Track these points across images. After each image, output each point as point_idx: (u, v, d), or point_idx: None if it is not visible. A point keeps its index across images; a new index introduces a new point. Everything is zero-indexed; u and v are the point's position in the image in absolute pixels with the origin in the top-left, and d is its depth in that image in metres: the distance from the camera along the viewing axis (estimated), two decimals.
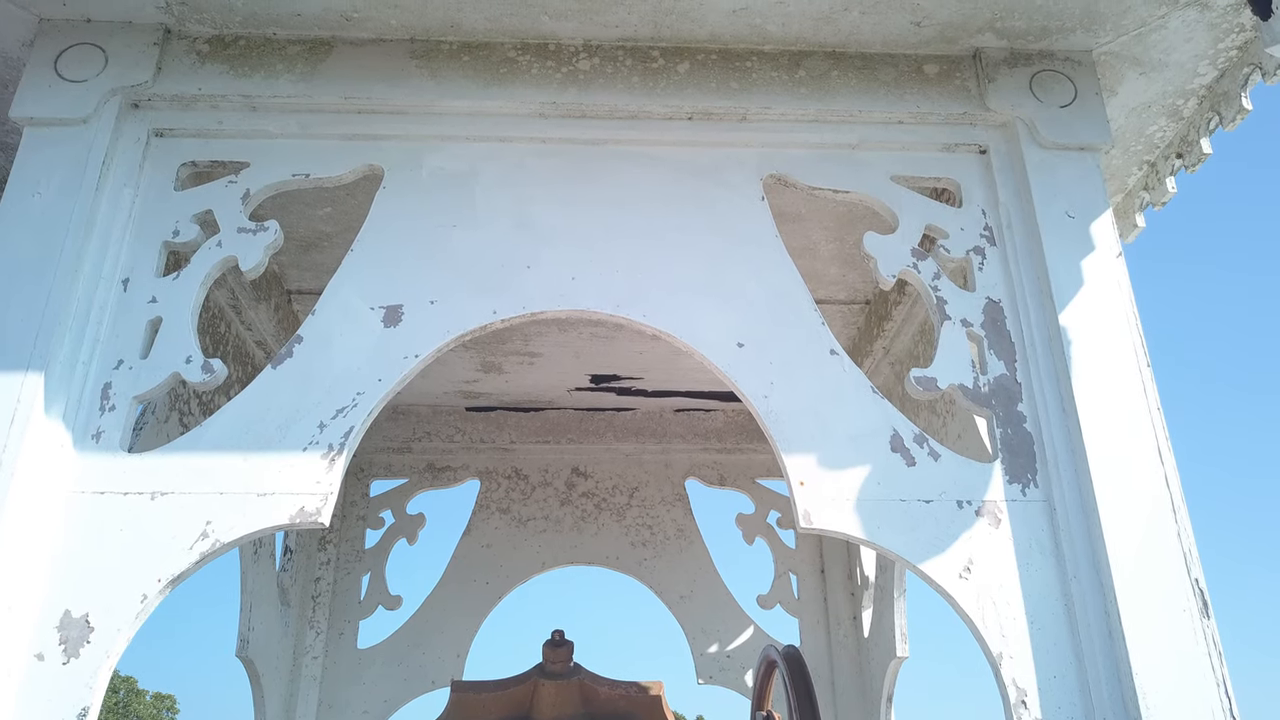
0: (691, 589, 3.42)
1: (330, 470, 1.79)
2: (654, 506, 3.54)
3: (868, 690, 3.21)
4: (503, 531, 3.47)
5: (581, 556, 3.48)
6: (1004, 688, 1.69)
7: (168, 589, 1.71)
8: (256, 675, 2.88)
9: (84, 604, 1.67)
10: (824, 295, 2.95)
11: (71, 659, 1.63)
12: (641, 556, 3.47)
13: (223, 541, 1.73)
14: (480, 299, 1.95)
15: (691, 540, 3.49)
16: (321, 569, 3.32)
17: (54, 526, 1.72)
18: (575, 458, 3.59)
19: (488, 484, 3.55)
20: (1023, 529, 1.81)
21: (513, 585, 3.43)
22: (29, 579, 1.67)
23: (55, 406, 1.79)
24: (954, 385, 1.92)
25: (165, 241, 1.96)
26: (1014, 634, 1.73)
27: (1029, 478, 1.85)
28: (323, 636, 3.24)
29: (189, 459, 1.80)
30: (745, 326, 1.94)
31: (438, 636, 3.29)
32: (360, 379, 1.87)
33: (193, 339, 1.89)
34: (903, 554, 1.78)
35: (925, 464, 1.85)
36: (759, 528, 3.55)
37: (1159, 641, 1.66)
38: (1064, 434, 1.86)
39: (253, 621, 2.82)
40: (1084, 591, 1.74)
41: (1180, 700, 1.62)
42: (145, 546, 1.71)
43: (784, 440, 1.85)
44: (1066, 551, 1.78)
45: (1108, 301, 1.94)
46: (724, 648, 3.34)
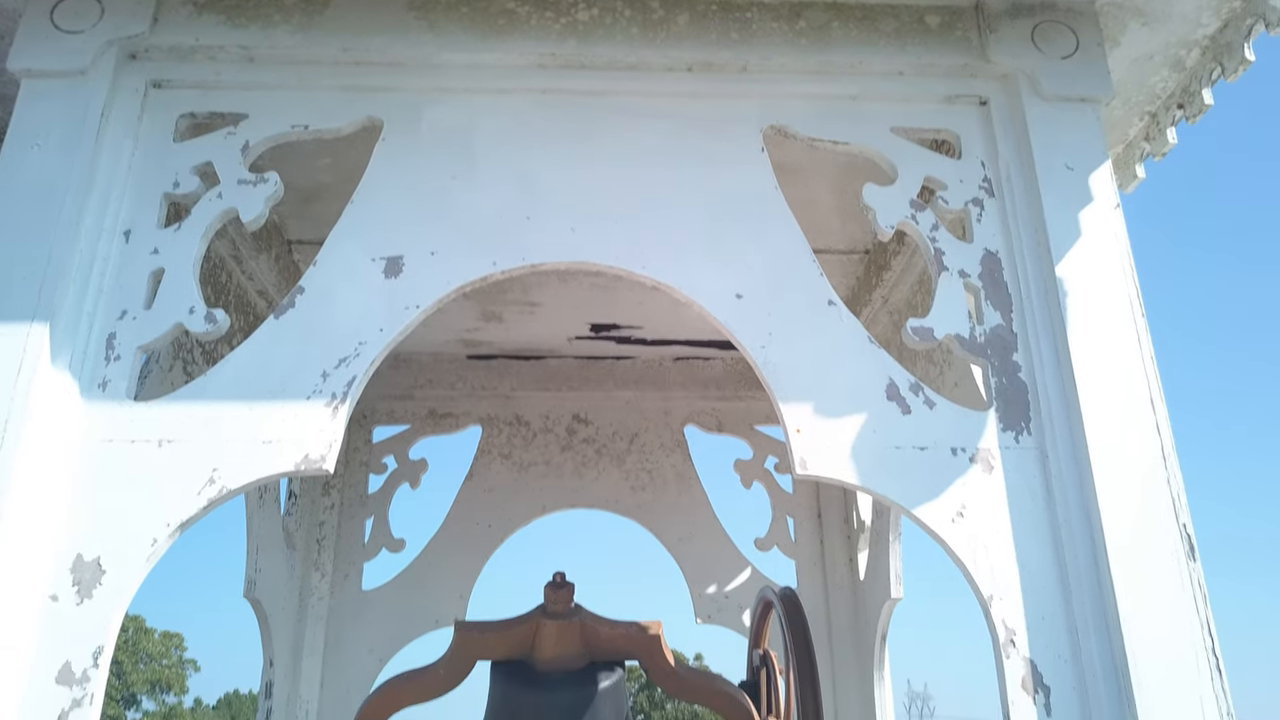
0: (690, 532, 3.47)
1: (334, 418, 1.82)
2: (653, 452, 3.58)
3: (862, 630, 3.29)
4: (504, 476, 3.52)
5: (582, 500, 3.53)
6: (994, 628, 1.74)
7: (176, 533, 1.75)
8: (264, 615, 2.94)
9: (95, 548, 1.72)
10: (823, 245, 2.96)
11: (85, 600, 1.68)
12: (641, 501, 3.52)
13: (229, 488, 1.77)
14: (480, 250, 1.96)
15: (690, 485, 3.55)
16: (326, 513, 3.38)
17: (64, 473, 1.76)
18: (576, 405, 3.62)
19: (489, 430, 3.59)
20: (1015, 475, 1.84)
21: (514, 528, 3.48)
22: (42, 524, 1.71)
23: (61, 357, 1.81)
24: (950, 335, 1.95)
25: (166, 193, 1.97)
26: (1004, 576, 1.77)
27: (1022, 426, 1.89)
28: (328, 578, 3.30)
29: (194, 407, 1.83)
30: (744, 278, 1.96)
31: (441, 578, 3.36)
32: (362, 329, 1.89)
33: (195, 289, 1.91)
34: (897, 499, 1.83)
35: (920, 412, 1.88)
36: (757, 473, 3.60)
37: (1145, 584, 1.71)
38: (1058, 383, 1.89)
39: (259, 564, 2.87)
40: (1074, 536, 1.78)
41: (1164, 640, 1.67)
42: (154, 492, 1.75)
43: (781, 389, 1.88)
44: (1058, 497, 1.82)
45: (1104, 253, 1.96)
46: (722, 588, 3.41)
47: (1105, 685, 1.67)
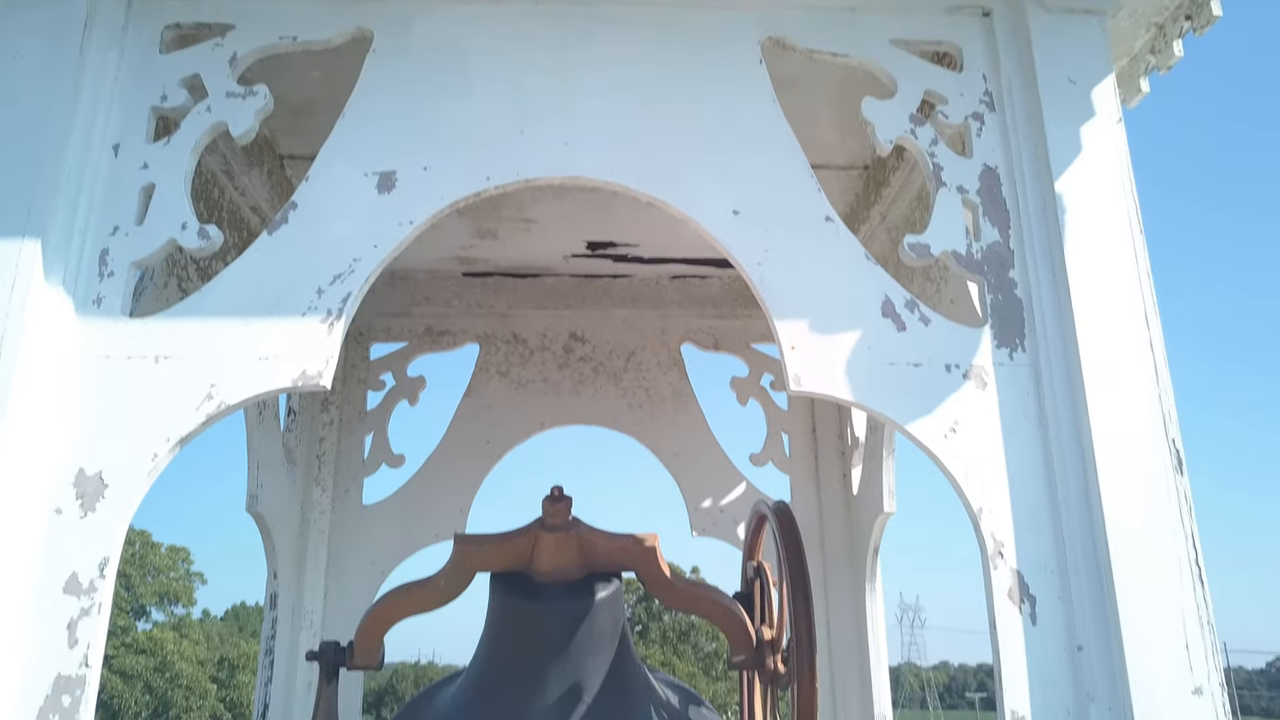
0: (686, 447, 3.51)
1: (330, 335, 1.82)
2: (650, 370, 3.60)
3: (855, 543, 3.35)
4: (502, 394, 3.54)
5: (580, 417, 3.56)
6: (983, 540, 1.78)
7: (176, 448, 1.77)
8: (267, 529, 2.99)
9: (97, 462, 1.74)
10: (821, 161, 2.92)
11: (88, 513, 1.71)
12: (638, 417, 3.55)
13: (227, 403, 1.78)
14: (474, 165, 1.94)
15: (687, 402, 3.57)
16: (325, 429, 3.41)
17: (62, 389, 1.77)
18: (573, 323, 3.63)
19: (487, 348, 3.60)
20: (1008, 391, 1.86)
21: (513, 444, 3.52)
22: (42, 439, 1.73)
23: (54, 273, 1.81)
24: (947, 252, 1.94)
25: (153, 107, 1.94)
26: (994, 490, 1.80)
27: (1017, 342, 1.90)
28: (329, 493, 3.35)
29: (190, 324, 1.84)
30: (740, 193, 1.95)
31: (440, 493, 3.40)
32: (356, 245, 1.89)
33: (187, 205, 1.90)
34: (890, 415, 1.85)
35: (915, 329, 1.89)
36: (752, 390, 3.62)
37: (1132, 497, 1.74)
38: (1053, 299, 1.90)
39: (260, 479, 2.91)
40: (1064, 450, 1.81)
41: (1149, 552, 1.70)
42: (152, 408, 1.77)
43: (776, 306, 1.88)
44: (1049, 412, 1.84)
45: (1105, 169, 1.94)
46: (717, 503, 3.47)
47: (1089, 595, 1.71)
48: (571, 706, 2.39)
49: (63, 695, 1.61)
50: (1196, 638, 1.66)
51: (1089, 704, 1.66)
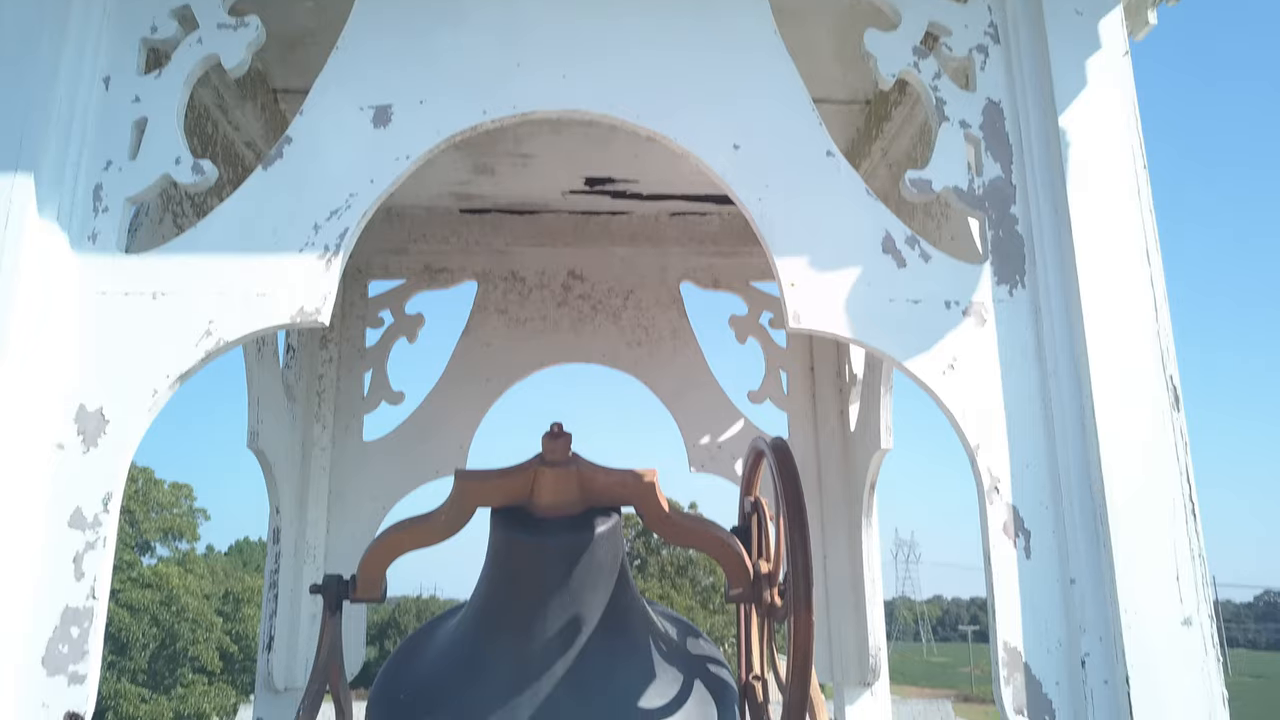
0: (685, 385, 3.52)
1: (327, 271, 1.82)
2: (649, 308, 3.59)
3: (851, 479, 3.38)
4: (501, 331, 3.54)
5: (579, 355, 3.56)
6: (979, 476, 1.80)
7: (176, 384, 1.78)
8: (268, 466, 3.01)
9: (97, 398, 1.75)
10: (823, 95, 2.88)
11: (91, 448, 1.72)
12: (637, 356, 3.55)
13: (226, 340, 1.78)
14: (470, 98, 1.92)
15: (686, 340, 3.57)
16: (324, 366, 3.41)
17: (60, 326, 1.77)
18: (571, 261, 3.61)
19: (485, 286, 3.58)
20: (1007, 328, 1.86)
21: (512, 381, 3.53)
22: (42, 375, 1.74)
23: (48, 209, 1.80)
24: (948, 188, 1.93)
25: (144, 38, 1.90)
26: (991, 427, 1.82)
27: (1017, 279, 1.89)
28: (329, 430, 3.36)
29: (187, 260, 1.83)
30: (741, 127, 1.92)
31: (440, 429, 3.42)
32: (352, 180, 1.87)
33: (180, 139, 1.88)
34: (889, 352, 1.85)
35: (916, 265, 1.88)
36: (751, 328, 3.62)
37: (1129, 433, 1.75)
38: (1055, 236, 1.89)
39: (261, 416, 2.92)
40: (1061, 387, 1.81)
41: (1143, 486, 1.72)
42: (151, 344, 1.77)
43: (776, 243, 1.87)
44: (1048, 349, 1.84)
45: (1110, 103, 1.91)
46: (715, 439, 3.49)
47: (1083, 529, 1.74)
48: (571, 639, 2.43)
49: (71, 627, 1.64)
50: (1187, 570, 1.68)
51: (1080, 635, 1.69)
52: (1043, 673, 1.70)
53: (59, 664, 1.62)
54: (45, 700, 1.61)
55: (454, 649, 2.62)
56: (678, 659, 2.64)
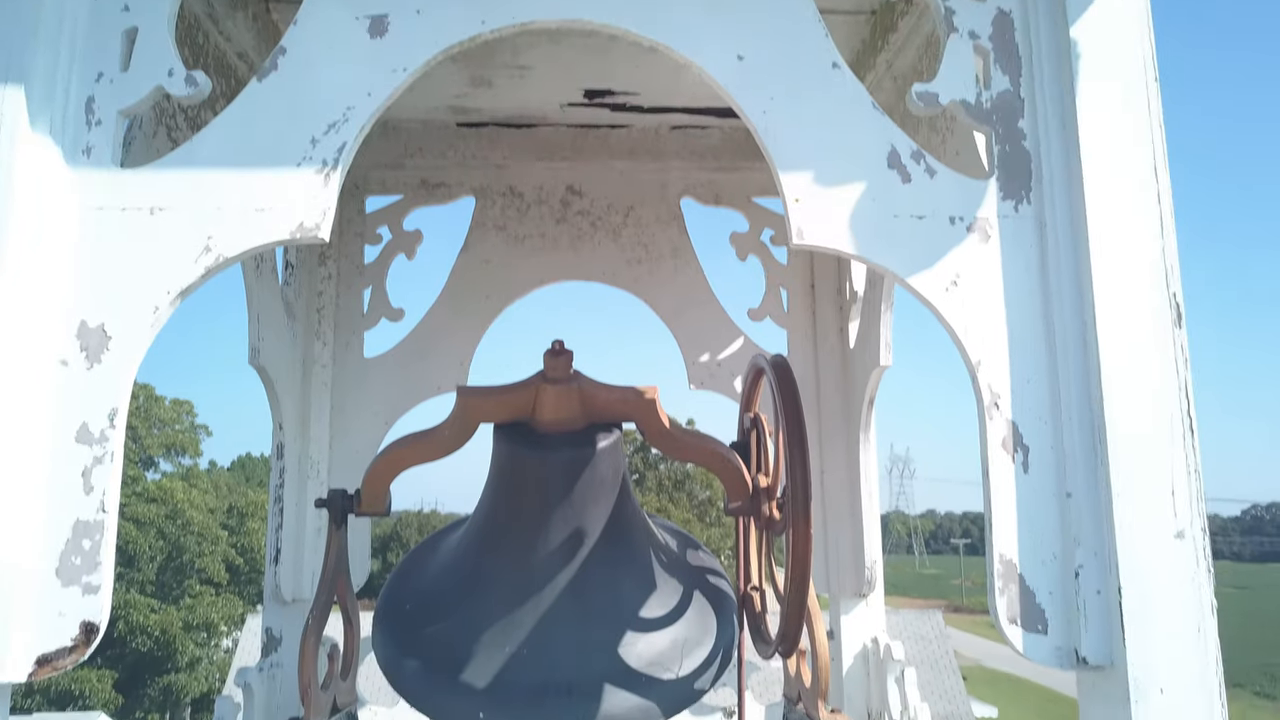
0: (685, 303, 3.52)
1: (326, 186, 1.80)
2: (649, 225, 3.56)
3: (850, 395, 3.40)
4: (499, 248, 3.52)
5: (578, 273, 3.55)
6: (979, 392, 1.81)
7: (177, 300, 1.78)
8: (270, 382, 3.03)
9: (99, 315, 1.75)
10: (828, 5, 2.79)
11: (94, 365, 1.73)
12: (637, 274, 3.54)
13: (225, 256, 1.77)
14: (468, 7, 1.87)
15: (686, 258, 3.55)
16: (323, 283, 3.40)
17: (57, 242, 1.76)
18: (570, 176, 3.56)
19: (483, 201, 3.55)
20: (1011, 244, 1.85)
21: (512, 299, 3.52)
22: (41, 291, 1.73)
23: (41, 122, 1.77)
24: (955, 101, 1.90)
25: None
26: (993, 343, 1.82)
27: (1023, 194, 1.88)
28: (329, 347, 3.37)
29: (183, 175, 1.81)
30: (746, 38, 1.88)
31: (441, 346, 3.42)
32: (349, 93, 1.84)
33: (171, 50, 1.84)
34: (892, 269, 1.84)
35: (921, 180, 1.87)
36: (752, 245, 3.60)
37: (1130, 349, 1.75)
38: (1062, 151, 1.86)
39: (261, 332, 2.92)
40: (1064, 304, 1.81)
41: (1143, 402, 1.73)
42: (150, 260, 1.76)
43: (781, 157, 1.85)
44: (1051, 266, 1.83)
45: (1122, 12, 1.87)
46: (715, 356, 3.50)
47: (1081, 444, 1.75)
48: (573, 551, 2.48)
49: (83, 539, 1.67)
50: (1183, 485, 1.71)
51: (1075, 548, 1.72)
52: (1036, 584, 1.74)
53: (73, 575, 1.66)
54: (61, 610, 1.64)
55: (458, 561, 2.67)
56: (678, 570, 2.70)
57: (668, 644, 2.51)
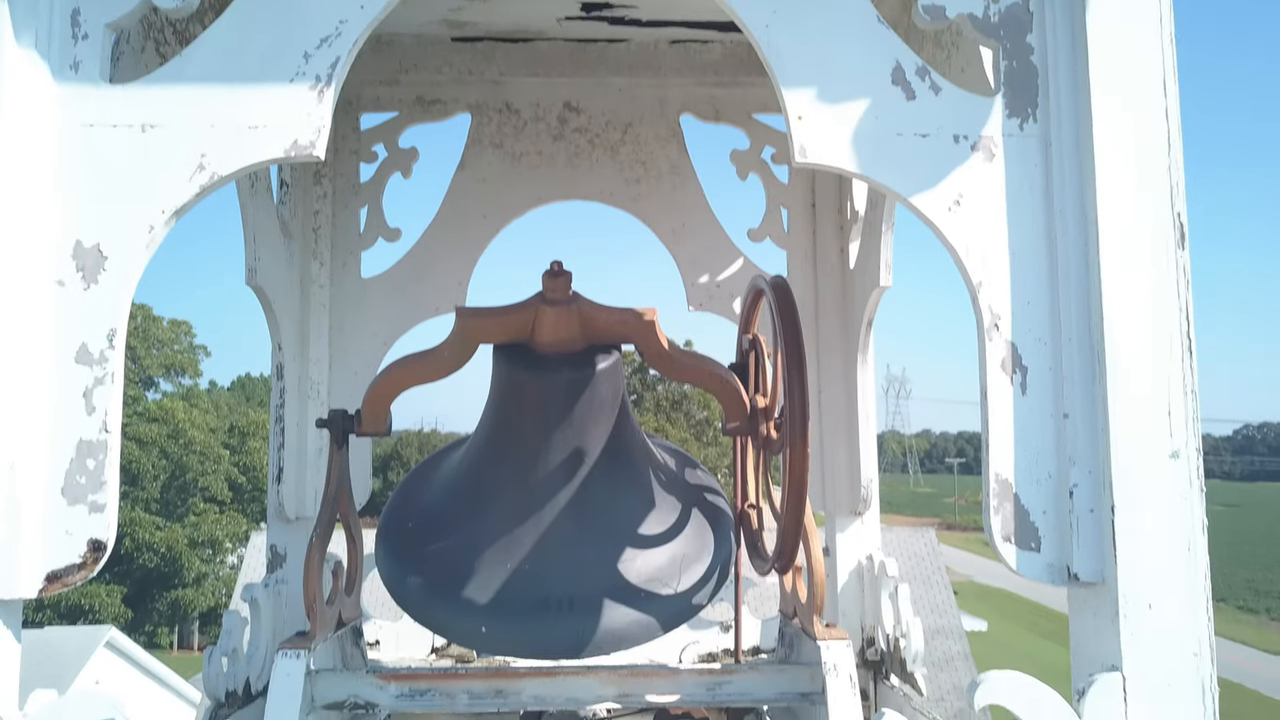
0: (684, 223, 3.48)
1: (320, 102, 1.76)
2: (648, 143, 3.51)
3: (849, 316, 3.40)
4: (496, 166, 3.47)
5: (576, 192, 3.51)
6: (980, 314, 1.81)
7: (172, 220, 1.76)
8: (268, 302, 3.02)
9: (94, 235, 1.73)
10: None
11: (91, 285, 1.72)
12: (636, 193, 3.50)
13: (220, 174, 1.75)
14: None
15: (685, 177, 3.51)
16: (319, 202, 3.36)
17: (48, 159, 1.73)
18: (567, 92, 3.50)
19: (479, 118, 3.49)
20: (1016, 163, 1.83)
21: (509, 219, 3.49)
22: (33, 211, 1.71)
23: (25, 35, 1.73)
24: (962, 14, 1.85)
25: None
26: (995, 264, 1.81)
27: (1029, 112, 1.85)
28: (327, 267, 3.35)
29: (174, 90, 1.77)
30: None
31: (438, 266, 3.41)
32: (341, 5, 1.79)
33: None
34: (895, 187, 1.82)
35: (925, 97, 1.83)
36: (753, 163, 3.55)
37: (1132, 270, 1.75)
38: (1070, 67, 1.83)
39: (258, 252, 2.90)
40: (1067, 223, 1.80)
41: (1143, 322, 1.73)
42: (144, 179, 1.74)
43: (783, 73, 1.81)
44: (1056, 185, 1.81)
45: None
46: (714, 278, 3.48)
47: (1080, 365, 1.76)
48: (574, 470, 2.51)
49: (87, 459, 1.68)
50: (1179, 405, 1.72)
51: (1070, 467, 1.74)
52: (1031, 503, 1.76)
53: (78, 494, 1.67)
54: (68, 529, 1.67)
55: (459, 481, 2.70)
56: (677, 488, 2.73)
57: (666, 560, 2.55)
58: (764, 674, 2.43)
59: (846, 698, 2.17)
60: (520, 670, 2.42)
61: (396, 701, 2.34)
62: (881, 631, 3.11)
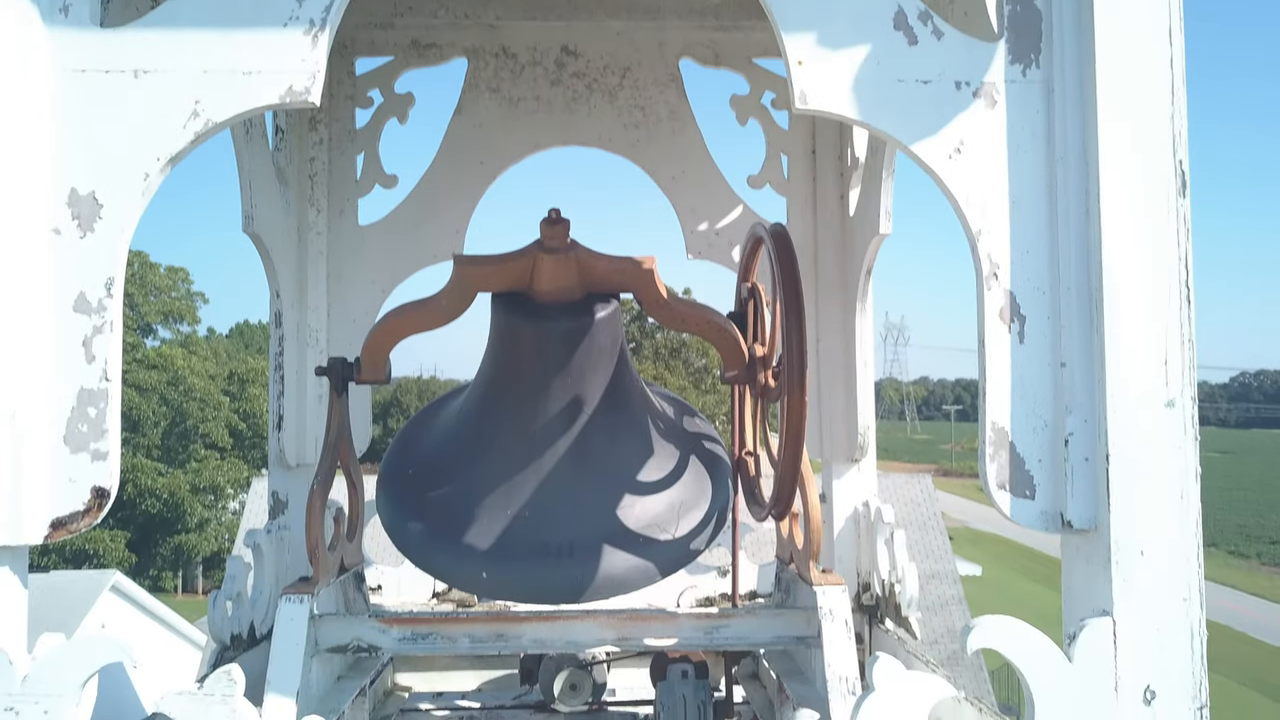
0: (683, 169, 3.46)
1: (314, 47, 1.74)
2: (646, 88, 3.46)
3: (849, 264, 3.39)
4: (493, 112, 3.43)
5: (574, 138, 3.47)
6: (979, 262, 1.80)
7: (168, 167, 1.75)
8: (265, 250, 3.00)
9: (89, 182, 1.72)
10: None
11: (87, 233, 1.71)
12: (634, 139, 3.46)
13: (214, 121, 1.74)
14: None
15: (684, 122, 3.47)
16: (315, 149, 3.33)
17: (40, 105, 1.72)
18: (564, 35, 3.44)
19: (475, 63, 3.44)
20: (1018, 110, 1.81)
21: (506, 165, 3.46)
22: (25, 157, 1.70)
23: None
24: None
25: None
26: (995, 212, 1.80)
27: (1032, 58, 1.82)
28: (324, 214, 3.33)
29: (166, 35, 1.75)
30: None
31: (436, 213, 3.39)
32: None
33: None
34: (895, 135, 1.81)
35: (927, 43, 1.81)
36: (753, 109, 3.51)
37: (1133, 219, 1.74)
38: (1075, 11, 1.80)
39: (254, 199, 2.88)
40: (1069, 171, 1.79)
41: (1143, 271, 1.73)
42: (138, 125, 1.73)
43: (783, 17, 1.78)
44: (1058, 133, 1.80)
45: None
46: (713, 225, 3.46)
47: (1078, 314, 1.76)
48: (573, 418, 2.52)
49: (88, 407, 1.69)
50: (1176, 355, 1.72)
51: (1066, 416, 1.75)
52: (1026, 451, 1.77)
53: (80, 442, 1.68)
54: (72, 476, 1.68)
55: (459, 428, 2.72)
56: (675, 436, 2.75)
57: (665, 506, 2.58)
58: (760, 618, 2.46)
59: (841, 642, 2.20)
60: (521, 614, 2.46)
61: (399, 645, 2.38)
62: (877, 577, 3.15)
